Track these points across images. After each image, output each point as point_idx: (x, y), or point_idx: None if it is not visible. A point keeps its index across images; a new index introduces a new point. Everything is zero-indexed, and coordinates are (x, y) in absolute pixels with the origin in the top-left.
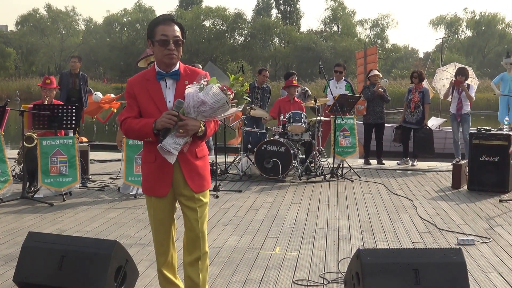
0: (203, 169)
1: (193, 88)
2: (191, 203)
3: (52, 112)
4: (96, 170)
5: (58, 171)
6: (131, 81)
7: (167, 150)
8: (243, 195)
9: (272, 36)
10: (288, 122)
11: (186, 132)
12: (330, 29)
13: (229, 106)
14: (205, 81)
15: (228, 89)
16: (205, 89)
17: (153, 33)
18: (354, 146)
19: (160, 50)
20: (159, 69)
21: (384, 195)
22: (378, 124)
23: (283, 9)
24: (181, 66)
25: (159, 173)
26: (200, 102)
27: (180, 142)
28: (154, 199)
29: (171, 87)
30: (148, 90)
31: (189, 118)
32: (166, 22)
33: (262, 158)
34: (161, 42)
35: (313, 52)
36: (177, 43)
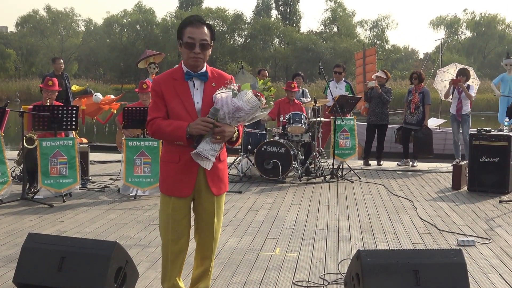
0: (223, 172)
1: (225, 93)
2: (209, 206)
3: (52, 113)
4: (96, 171)
5: (58, 172)
6: (158, 79)
7: (205, 156)
8: (243, 196)
9: (272, 37)
10: (288, 123)
11: (223, 138)
12: (330, 30)
13: (260, 110)
14: (236, 86)
15: (261, 95)
16: (239, 95)
17: (181, 34)
18: (354, 147)
19: (186, 53)
20: (187, 69)
21: (384, 196)
22: (378, 125)
23: (283, 10)
24: (208, 68)
25: (183, 174)
26: (235, 108)
27: (217, 148)
28: (174, 199)
29: (198, 88)
30: (176, 89)
31: (225, 124)
32: (194, 23)
33: (262, 159)
34: (187, 44)
35: (312, 53)
36: (203, 47)
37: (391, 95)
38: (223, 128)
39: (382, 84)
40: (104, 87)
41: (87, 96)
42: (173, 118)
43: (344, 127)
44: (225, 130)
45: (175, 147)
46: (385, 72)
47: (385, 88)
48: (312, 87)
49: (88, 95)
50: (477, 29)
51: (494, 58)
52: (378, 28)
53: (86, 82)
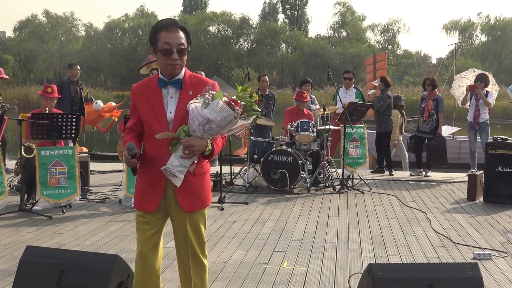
0: (199, 187)
1: (197, 103)
2: (180, 223)
3: (51, 121)
4: (97, 182)
5: (57, 182)
6: (133, 88)
7: (172, 173)
8: (249, 207)
9: (279, 41)
10: (296, 131)
11: (192, 153)
12: (339, 34)
13: (238, 120)
14: (210, 95)
15: (235, 103)
16: (211, 105)
17: (155, 39)
18: (364, 156)
19: (163, 59)
20: (161, 76)
21: (396, 207)
22: (378, 133)
23: (290, 14)
24: (186, 73)
25: (150, 188)
26: (206, 120)
27: (186, 164)
28: (142, 213)
29: (173, 96)
30: (148, 98)
31: (195, 137)
32: (169, 27)
33: (269, 169)
34: (163, 51)
35: (321, 58)
36: (181, 52)
37: (384, 102)
38: (191, 142)
39: (382, 90)
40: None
41: (87, 104)
42: (146, 129)
43: (354, 135)
44: (193, 145)
45: (147, 159)
46: (384, 78)
47: (384, 95)
48: (321, 94)
49: (88, 102)
50: (492, 33)
51: (510, 63)
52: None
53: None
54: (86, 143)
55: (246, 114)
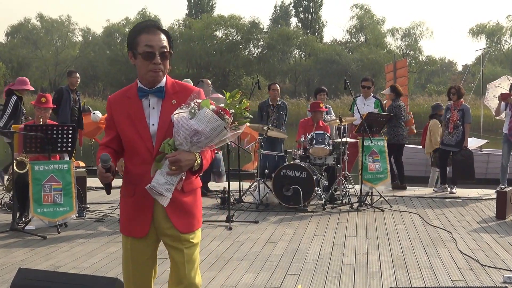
0: (191, 206)
1: (182, 113)
2: (178, 244)
3: (46, 133)
4: (95, 199)
5: (52, 199)
6: (110, 99)
7: (158, 192)
8: (259, 227)
9: (292, 47)
10: (310, 144)
11: (180, 169)
12: (357, 39)
13: (228, 130)
14: (195, 104)
15: (225, 111)
16: (198, 115)
17: (134, 43)
18: (385, 171)
19: (144, 64)
20: (141, 85)
21: (419, 226)
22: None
23: (304, 18)
24: (168, 81)
25: (137, 210)
26: (193, 132)
27: (173, 181)
28: (131, 239)
29: (155, 106)
30: (127, 110)
31: (182, 151)
32: (150, 30)
33: (281, 185)
34: (145, 54)
35: (337, 65)
36: (164, 56)
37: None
38: (178, 157)
39: (393, 100)
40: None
41: (84, 114)
42: (126, 144)
43: (373, 148)
44: (180, 159)
45: (130, 178)
46: (395, 87)
47: (394, 105)
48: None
49: (85, 113)
50: None
51: None
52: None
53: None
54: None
55: (236, 123)
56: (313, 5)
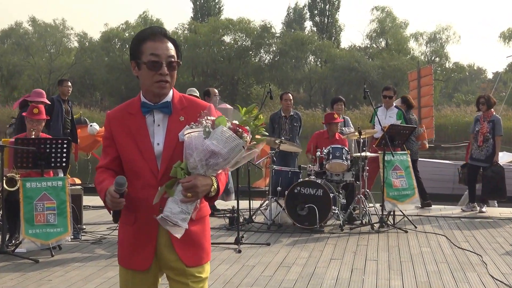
0: (200, 236)
1: (195, 132)
2: (182, 278)
3: (39, 147)
4: (92, 219)
5: (44, 219)
6: (109, 115)
7: (173, 222)
8: (271, 249)
9: (306, 53)
10: (327, 159)
11: (196, 195)
12: (377, 44)
13: (245, 150)
14: (208, 121)
15: (243, 129)
16: (214, 134)
17: (138, 52)
18: (412, 187)
19: (149, 75)
20: (144, 100)
21: (446, 249)
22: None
23: (319, 21)
24: (175, 95)
25: (138, 240)
26: (209, 153)
27: (189, 210)
28: (131, 272)
29: (160, 123)
30: (129, 127)
31: (197, 176)
32: (156, 37)
33: (295, 204)
34: (150, 64)
35: (356, 72)
36: (171, 66)
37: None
38: (194, 182)
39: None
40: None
41: (81, 127)
42: (126, 165)
43: (396, 163)
44: (197, 185)
45: (130, 203)
46: (406, 98)
47: (406, 118)
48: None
49: (82, 125)
50: None
51: None
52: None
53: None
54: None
55: (254, 141)
56: (329, 7)
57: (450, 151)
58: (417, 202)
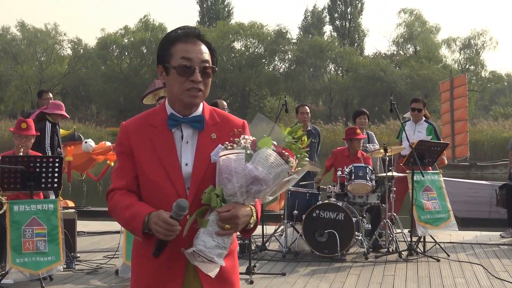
0: (230, 272)
1: (233, 154)
2: None
3: (28, 166)
4: (86, 246)
5: (34, 247)
6: (126, 127)
7: (208, 258)
8: (287, 280)
9: (326, 61)
10: (349, 179)
11: (236, 227)
12: (405, 51)
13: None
14: (247, 142)
15: (289, 153)
16: (257, 157)
17: (168, 55)
18: (446, 210)
19: (179, 82)
20: (172, 111)
21: (483, 279)
22: None
23: (340, 25)
24: (205, 108)
25: (161, 277)
26: (251, 179)
27: (225, 244)
28: None
29: (190, 140)
30: (153, 142)
31: (237, 205)
32: (189, 39)
33: (314, 229)
34: (181, 69)
35: (381, 83)
36: (205, 72)
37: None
38: (235, 212)
39: None
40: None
41: (74, 143)
42: (147, 187)
43: (426, 183)
44: (238, 215)
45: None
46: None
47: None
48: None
49: (75, 141)
50: None
51: None
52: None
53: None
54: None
55: (299, 167)
56: (351, 10)
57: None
58: (453, 226)
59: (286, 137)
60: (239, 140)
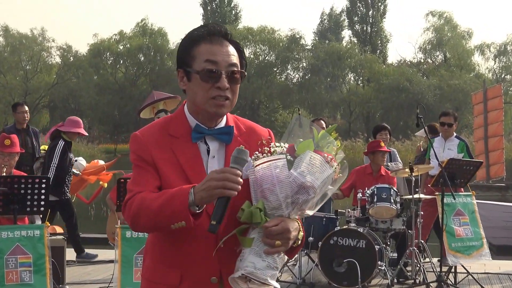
0: None
1: (272, 162)
2: None
3: (11, 187)
4: (77, 277)
5: (18, 278)
6: (142, 137)
7: (261, 280)
8: None
9: (345, 70)
10: (370, 202)
11: (286, 243)
12: (433, 59)
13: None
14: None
15: (331, 158)
16: (301, 162)
17: (190, 57)
18: (479, 237)
19: (203, 89)
20: (197, 122)
21: None
22: None
23: (360, 30)
24: (229, 117)
25: None
26: (297, 188)
27: (277, 263)
28: None
29: (216, 154)
30: (176, 155)
31: (284, 218)
32: (214, 39)
33: (331, 258)
34: (205, 74)
35: (407, 94)
36: (233, 78)
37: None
38: (285, 225)
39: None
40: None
41: None
42: None
43: (458, 207)
44: (289, 229)
45: (171, 258)
46: (433, 127)
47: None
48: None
49: None
50: None
51: None
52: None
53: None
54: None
55: (340, 173)
56: (373, 13)
57: None
58: (486, 255)
59: (321, 141)
60: (274, 146)
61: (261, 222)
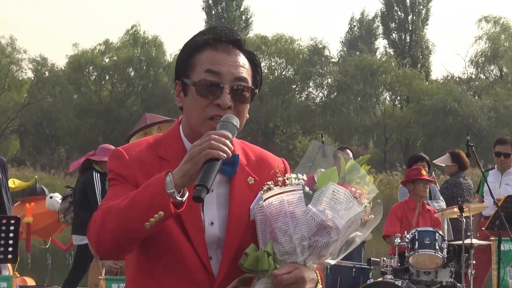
0: None
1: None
2: None
3: None
4: None
5: None
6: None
7: None
8: None
9: (379, 88)
10: (411, 249)
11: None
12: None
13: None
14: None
15: (360, 193)
16: (321, 196)
17: (189, 65)
18: None
19: (199, 107)
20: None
21: None
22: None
23: (398, 39)
24: (234, 142)
25: None
26: (317, 227)
27: None
28: None
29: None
30: None
31: (299, 266)
32: (221, 45)
33: None
34: (203, 86)
35: (455, 117)
36: (239, 95)
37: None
38: (299, 272)
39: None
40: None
41: (35, 199)
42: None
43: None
44: (304, 278)
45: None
46: (458, 155)
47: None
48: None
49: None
50: None
51: None
52: None
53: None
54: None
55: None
56: (413, 18)
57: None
58: None
59: (349, 174)
60: (289, 177)
61: (269, 269)
